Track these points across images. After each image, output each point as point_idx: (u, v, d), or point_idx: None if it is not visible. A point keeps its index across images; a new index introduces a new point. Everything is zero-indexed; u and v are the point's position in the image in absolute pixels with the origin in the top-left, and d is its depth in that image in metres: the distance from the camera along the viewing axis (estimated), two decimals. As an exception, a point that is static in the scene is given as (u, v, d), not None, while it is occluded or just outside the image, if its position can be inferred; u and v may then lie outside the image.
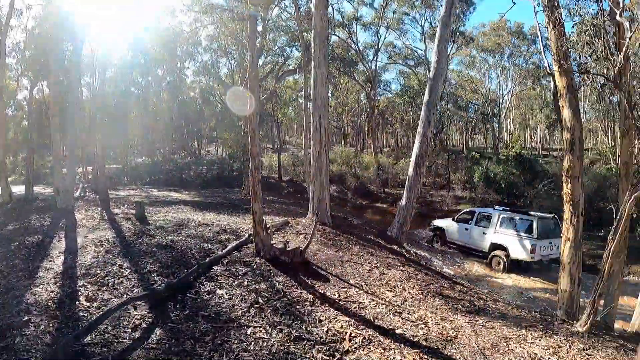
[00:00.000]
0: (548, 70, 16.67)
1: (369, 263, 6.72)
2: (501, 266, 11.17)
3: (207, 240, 7.04)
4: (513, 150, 19.20)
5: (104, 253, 6.06)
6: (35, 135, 15.95)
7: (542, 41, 19.03)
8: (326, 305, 4.58)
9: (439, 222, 14.15)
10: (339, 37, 30.74)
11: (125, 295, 4.38)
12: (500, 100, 40.34)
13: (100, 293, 4.48)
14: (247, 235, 6.79)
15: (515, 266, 11.06)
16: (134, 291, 4.57)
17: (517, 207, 15.28)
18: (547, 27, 6.36)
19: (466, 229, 12.40)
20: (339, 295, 4.92)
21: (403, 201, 11.22)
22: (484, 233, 11.78)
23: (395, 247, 9.94)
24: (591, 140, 44.39)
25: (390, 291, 5.52)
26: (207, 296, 4.54)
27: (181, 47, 26.57)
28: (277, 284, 4.98)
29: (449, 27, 11.37)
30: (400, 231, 11.16)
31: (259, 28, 16.85)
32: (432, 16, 31.30)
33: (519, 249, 10.84)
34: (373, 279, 5.86)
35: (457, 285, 7.13)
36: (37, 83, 16.73)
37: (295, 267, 5.55)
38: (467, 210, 12.95)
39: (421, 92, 37.42)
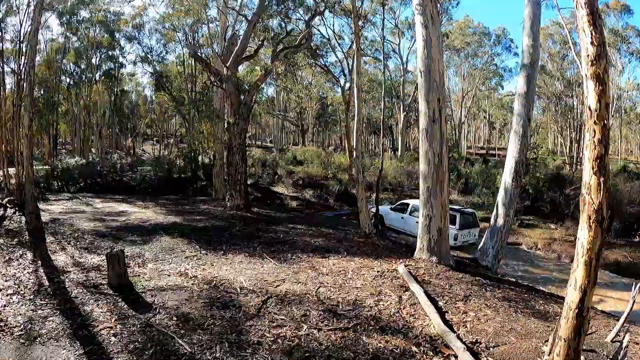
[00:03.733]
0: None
1: None
2: None
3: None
4: (539, 153, 17.92)
5: None
6: None
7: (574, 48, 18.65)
8: None
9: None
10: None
11: None
12: (461, 101, 40.62)
13: None
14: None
15: None
16: None
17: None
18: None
19: (402, 217, 14.11)
20: None
21: (500, 220, 8.65)
22: (417, 222, 12.52)
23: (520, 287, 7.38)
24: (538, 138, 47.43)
25: None
26: None
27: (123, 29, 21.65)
28: None
29: (540, 5, 9.11)
30: (496, 259, 8.64)
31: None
32: (407, 9, 29.83)
33: None
34: None
35: None
36: None
37: None
38: (402, 202, 14.90)
39: (392, 86, 35.70)
